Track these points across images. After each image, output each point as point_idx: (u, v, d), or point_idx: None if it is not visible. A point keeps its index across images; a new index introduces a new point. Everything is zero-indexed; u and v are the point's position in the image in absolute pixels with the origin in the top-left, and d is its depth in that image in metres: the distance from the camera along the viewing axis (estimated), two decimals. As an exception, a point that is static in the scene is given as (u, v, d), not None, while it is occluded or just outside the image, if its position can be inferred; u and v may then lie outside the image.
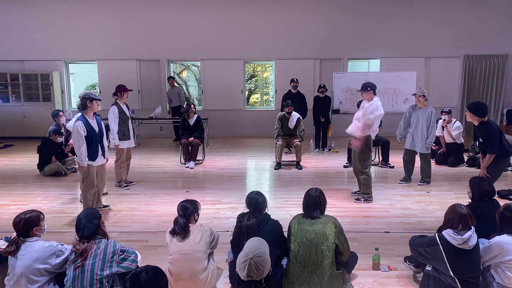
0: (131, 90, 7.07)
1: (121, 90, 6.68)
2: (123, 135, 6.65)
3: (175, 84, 11.59)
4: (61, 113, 8.04)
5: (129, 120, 6.79)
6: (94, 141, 5.24)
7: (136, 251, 3.21)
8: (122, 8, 11.80)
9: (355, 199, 6.05)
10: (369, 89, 5.74)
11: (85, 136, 5.10)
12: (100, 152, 5.40)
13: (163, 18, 11.84)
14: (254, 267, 2.53)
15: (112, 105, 6.64)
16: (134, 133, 6.94)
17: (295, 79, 9.46)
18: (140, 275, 2.22)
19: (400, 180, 7.08)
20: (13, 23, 11.88)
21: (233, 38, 11.91)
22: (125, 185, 6.86)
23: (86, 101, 5.21)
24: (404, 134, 7.05)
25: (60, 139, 7.86)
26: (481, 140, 5.11)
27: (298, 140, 8.14)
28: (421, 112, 6.72)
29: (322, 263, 3.27)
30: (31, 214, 3.16)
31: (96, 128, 5.32)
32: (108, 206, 5.88)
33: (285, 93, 9.58)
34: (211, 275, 3.51)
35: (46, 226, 3.28)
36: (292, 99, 8.78)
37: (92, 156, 5.25)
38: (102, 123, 5.63)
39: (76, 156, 5.25)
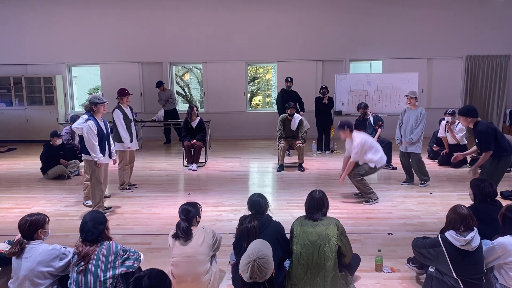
0: (131, 94, 7.10)
1: (121, 94, 6.76)
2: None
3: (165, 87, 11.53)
4: (78, 119, 8.06)
5: (132, 123, 6.81)
6: (103, 140, 5.56)
7: (138, 251, 3.25)
8: (124, 12, 11.85)
9: (365, 201, 6.03)
10: (346, 127, 5.89)
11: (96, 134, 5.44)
12: (107, 153, 5.67)
13: (165, 21, 11.88)
14: (257, 269, 2.53)
15: (114, 109, 6.70)
16: (137, 136, 6.98)
17: (289, 79, 9.50)
18: (143, 280, 2.22)
19: (403, 182, 7.09)
20: (16, 27, 11.95)
21: (235, 40, 11.93)
22: (128, 188, 6.88)
23: (92, 106, 5.54)
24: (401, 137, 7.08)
25: (59, 141, 7.88)
26: (476, 140, 5.15)
27: (300, 142, 8.15)
28: (412, 113, 6.84)
29: (325, 265, 3.27)
30: (37, 217, 3.20)
31: (104, 129, 5.62)
32: (111, 208, 5.91)
33: (279, 92, 9.65)
34: (214, 277, 3.52)
35: (50, 230, 3.31)
36: (288, 97, 8.81)
37: (104, 153, 5.59)
38: (108, 125, 5.78)
39: (80, 156, 5.45)
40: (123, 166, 6.80)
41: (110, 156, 5.79)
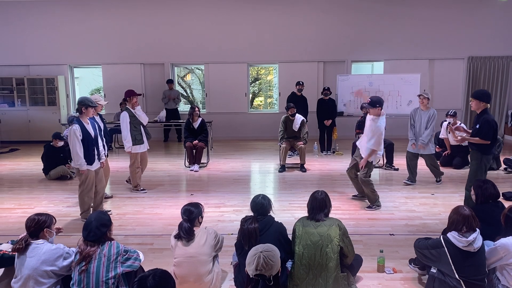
0: (140, 95, 7.08)
1: (129, 94, 6.69)
2: (135, 139, 6.62)
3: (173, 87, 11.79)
4: None
5: (141, 125, 6.78)
6: (90, 145, 5.32)
7: (138, 251, 3.27)
8: (126, 13, 11.88)
9: (367, 207, 5.89)
10: (377, 106, 5.61)
11: (81, 140, 5.19)
12: (96, 157, 5.45)
13: (167, 22, 11.90)
14: (263, 261, 2.55)
15: (122, 111, 6.68)
16: (149, 136, 6.94)
17: (301, 82, 9.49)
18: (147, 279, 2.23)
19: (405, 180, 7.09)
20: (18, 28, 11.98)
21: (237, 41, 11.94)
22: (142, 189, 6.87)
23: (81, 108, 5.29)
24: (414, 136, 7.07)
25: (61, 143, 7.89)
26: (477, 126, 5.14)
27: (302, 142, 8.15)
28: (423, 113, 6.88)
29: (327, 266, 3.27)
30: (46, 216, 3.26)
31: (92, 132, 5.38)
32: (110, 211, 5.82)
33: (289, 95, 9.62)
34: (216, 278, 3.52)
35: (55, 232, 3.33)
36: (296, 101, 8.80)
37: (89, 160, 5.32)
38: (100, 126, 5.69)
39: (72, 161, 5.36)
40: (135, 168, 6.75)
41: (99, 159, 5.54)
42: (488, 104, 5.18)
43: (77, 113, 5.38)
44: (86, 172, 5.31)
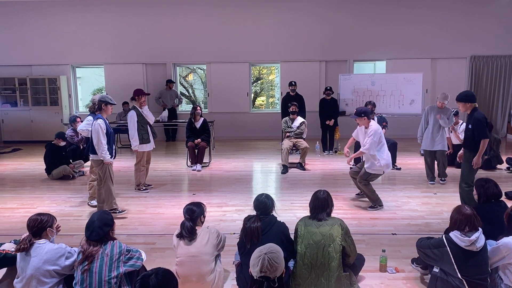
0: (149, 94, 7.07)
1: (138, 94, 6.70)
2: (142, 138, 6.65)
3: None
4: (78, 119, 8.08)
5: (148, 124, 6.80)
6: (111, 140, 5.50)
7: (140, 250, 3.28)
8: (128, 13, 11.89)
9: (370, 207, 5.86)
10: (363, 115, 5.67)
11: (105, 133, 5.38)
12: (113, 153, 5.62)
13: (169, 22, 11.91)
14: (267, 263, 2.55)
15: (130, 110, 6.70)
16: (155, 135, 6.98)
17: (293, 83, 9.48)
18: (149, 278, 2.23)
19: (431, 182, 7.12)
20: (21, 28, 12.01)
21: (239, 41, 11.94)
22: (144, 188, 6.89)
23: (101, 104, 5.44)
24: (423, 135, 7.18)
25: (63, 143, 7.91)
26: (470, 126, 5.19)
27: (302, 140, 8.19)
28: (443, 112, 6.98)
29: (329, 265, 3.27)
30: (48, 216, 3.27)
31: (110, 129, 5.56)
32: (125, 210, 5.82)
33: (284, 96, 9.64)
34: (218, 277, 3.53)
35: (55, 231, 3.34)
36: (291, 101, 8.82)
37: (111, 153, 5.48)
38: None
39: (90, 155, 5.54)
40: (140, 167, 6.78)
41: (114, 156, 5.72)
42: (475, 103, 5.24)
43: (93, 111, 5.60)
44: (112, 163, 5.48)
